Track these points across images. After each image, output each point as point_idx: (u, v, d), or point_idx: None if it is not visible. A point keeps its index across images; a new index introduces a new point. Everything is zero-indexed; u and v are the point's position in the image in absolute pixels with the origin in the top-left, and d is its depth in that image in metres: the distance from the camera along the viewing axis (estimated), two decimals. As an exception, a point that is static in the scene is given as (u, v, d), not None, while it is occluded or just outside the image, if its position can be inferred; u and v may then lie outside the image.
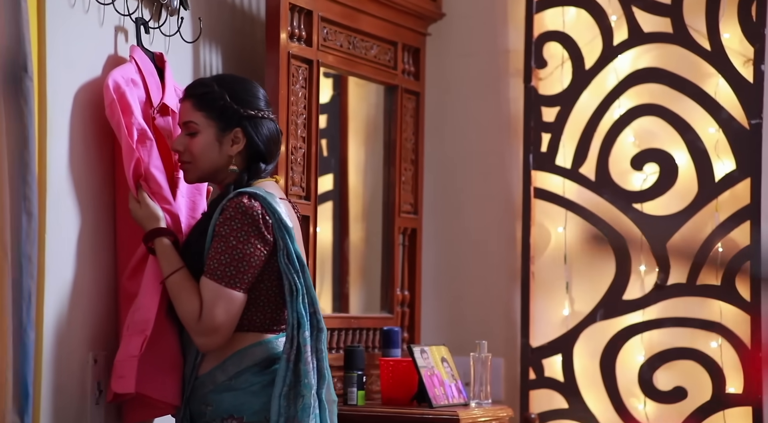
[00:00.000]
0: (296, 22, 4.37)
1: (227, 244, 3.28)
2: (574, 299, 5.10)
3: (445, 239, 5.28)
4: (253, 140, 3.41)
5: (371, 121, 5.25)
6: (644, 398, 4.97)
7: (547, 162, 5.13)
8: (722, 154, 4.94)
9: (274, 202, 3.35)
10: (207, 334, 3.28)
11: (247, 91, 3.43)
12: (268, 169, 3.45)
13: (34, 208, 3.06)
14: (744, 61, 4.93)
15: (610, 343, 5.01)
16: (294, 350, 3.30)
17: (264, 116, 3.43)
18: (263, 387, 3.32)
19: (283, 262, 3.33)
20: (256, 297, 3.35)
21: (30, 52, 3.08)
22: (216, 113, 3.39)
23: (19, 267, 3.03)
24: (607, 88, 5.08)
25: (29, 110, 3.08)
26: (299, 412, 3.26)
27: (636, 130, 5.06)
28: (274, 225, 3.32)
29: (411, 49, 5.08)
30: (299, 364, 3.30)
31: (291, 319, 3.31)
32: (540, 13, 5.17)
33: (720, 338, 4.90)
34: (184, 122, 3.43)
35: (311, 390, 3.28)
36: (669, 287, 4.96)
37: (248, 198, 3.31)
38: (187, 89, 3.47)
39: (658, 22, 5.03)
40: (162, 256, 3.33)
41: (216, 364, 3.36)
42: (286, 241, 3.33)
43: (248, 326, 3.35)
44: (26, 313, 3.04)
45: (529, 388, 5.09)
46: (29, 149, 3.06)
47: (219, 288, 3.27)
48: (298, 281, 3.33)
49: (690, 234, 4.96)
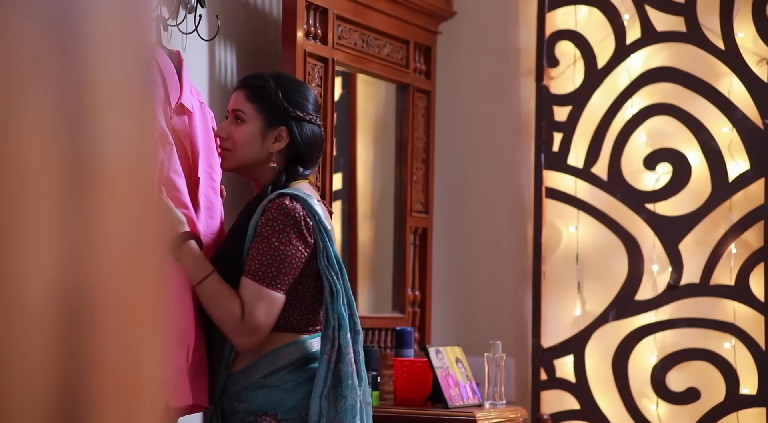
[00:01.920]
0: (312, 20, 4.34)
1: (269, 245, 3.28)
2: (585, 299, 5.07)
3: (456, 239, 5.25)
4: (295, 141, 3.44)
5: (380, 119, 5.22)
6: (657, 399, 4.95)
7: (559, 161, 5.10)
8: (736, 153, 4.92)
9: (314, 204, 3.36)
10: (248, 335, 3.28)
11: (300, 93, 3.47)
12: (306, 174, 3.47)
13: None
14: (758, 61, 4.91)
15: (622, 344, 4.99)
16: (335, 352, 3.30)
17: (311, 120, 3.47)
18: (297, 385, 3.33)
19: (323, 264, 3.33)
20: (293, 298, 3.35)
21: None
22: (266, 107, 3.43)
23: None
24: (620, 87, 5.05)
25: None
26: (340, 413, 3.27)
27: (649, 129, 5.03)
28: (314, 227, 3.33)
29: (422, 47, 5.05)
30: (340, 365, 3.30)
31: (332, 321, 3.31)
32: (552, 11, 5.14)
33: (734, 339, 4.87)
34: (233, 109, 3.47)
35: (355, 391, 3.28)
36: (682, 287, 4.94)
37: (290, 199, 3.32)
38: (243, 79, 3.52)
39: (672, 20, 5.00)
40: (193, 260, 3.31)
41: (250, 362, 3.36)
42: (326, 243, 3.34)
43: (285, 327, 3.36)
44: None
45: (541, 388, 5.06)
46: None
47: (260, 288, 3.27)
48: (338, 283, 3.34)
49: (703, 234, 4.93)
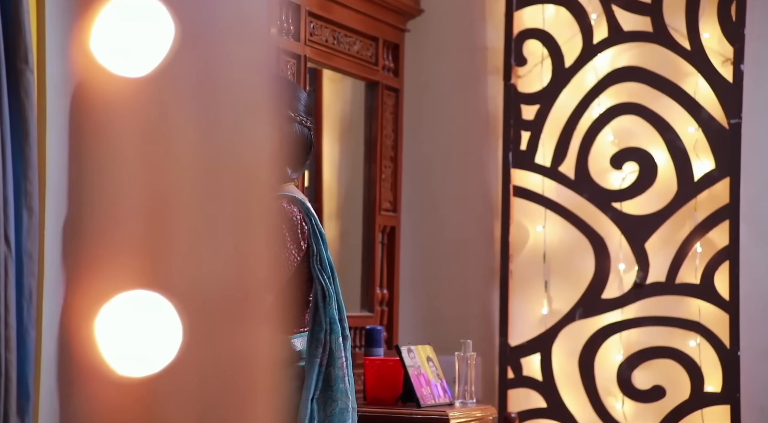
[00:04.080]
0: (284, 15, 4.32)
1: None
2: (552, 298, 5.09)
3: (423, 237, 5.25)
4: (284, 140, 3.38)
5: (347, 117, 5.20)
6: (622, 397, 4.97)
7: (527, 160, 5.11)
8: (701, 153, 4.95)
9: (311, 207, 3.33)
10: None
11: (292, 94, 3.40)
12: (294, 177, 3.41)
13: (35, 203, 2.98)
14: (723, 61, 4.94)
15: (588, 342, 5.01)
16: (326, 355, 3.27)
17: (301, 121, 3.37)
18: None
19: (316, 267, 3.31)
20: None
21: (31, 43, 3.00)
22: None
23: (20, 264, 2.95)
24: (587, 86, 5.07)
25: (30, 103, 3.00)
26: (330, 417, 3.24)
27: (615, 128, 5.05)
28: (309, 231, 3.31)
29: (391, 45, 5.04)
30: (331, 368, 3.28)
31: (324, 324, 3.29)
32: (519, 10, 5.15)
33: (699, 337, 4.91)
34: None
35: (346, 395, 3.26)
36: (648, 286, 4.96)
37: (287, 202, 3.29)
38: None
39: (638, 20, 5.02)
40: None
41: None
42: (320, 246, 3.32)
43: None
44: (27, 311, 2.96)
45: (507, 387, 5.07)
46: (30, 143, 2.98)
47: None
48: (330, 287, 3.32)
49: (669, 233, 4.96)
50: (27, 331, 2.95)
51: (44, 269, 3.13)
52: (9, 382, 2.89)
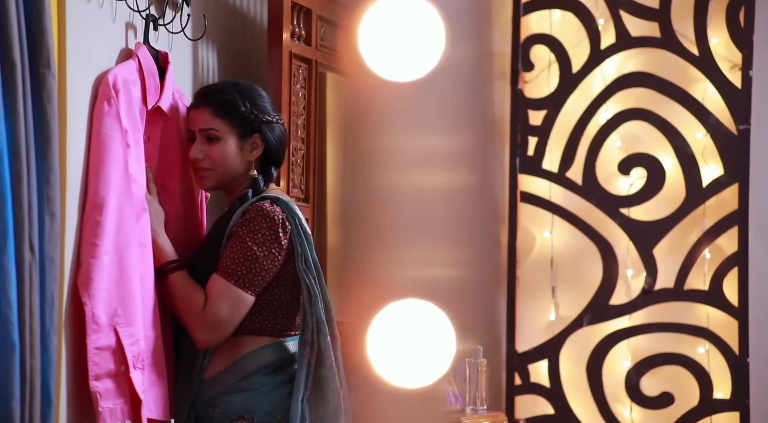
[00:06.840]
0: (296, 20, 4.29)
1: (243, 245, 3.26)
2: (560, 304, 5.07)
3: (430, 243, 5.22)
4: (269, 145, 3.43)
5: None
6: (630, 404, 4.96)
7: (534, 166, 5.10)
8: (710, 159, 4.95)
9: (296, 207, 3.34)
10: (208, 329, 3.24)
11: (261, 97, 3.44)
12: (275, 174, 3.48)
13: (56, 208, 2.95)
14: (731, 67, 4.94)
15: (596, 349, 4.99)
16: (314, 355, 3.26)
17: (277, 121, 3.46)
18: (274, 387, 3.30)
19: (301, 268, 3.31)
20: (269, 302, 3.32)
21: (52, 47, 2.97)
22: (238, 120, 3.38)
23: (43, 270, 2.92)
24: (594, 91, 5.06)
25: (52, 108, 2.96)
26: (323, 417, 3.23)
27: (623, 134, 5.04)
28: (293, 231, 3.31)
29: (398, 50, 5.02)
30: (320, 369, 3.27)
31: (311, 324, 3.28)
32: (527, 15, 5.14)
33: (707, 344, 4.90)
34: (201, 129, 3.37)
35: (338, 394, 3.25)
36: (656, 292, 4.96)
37: (270, 203, 3.31)
38: (203, 96, 3.42)
39: (646, 26, 5.02)
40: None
41: (224, 366, 3.31)
42: (305, 247, 3.32)
43: (260, 330, 3.33)
44: (49, 317, 2.93)
45: (515, 393, 5.05)
46: (52, 148, 2.95)
47: (228, 285, 3.25)
48: (316, 287, 3.32)
49: (677, 239, 4.95)
50: (49, 336, 2.92)
51: (65, 275, 3.09)
52: (33, 388, 2.85)
